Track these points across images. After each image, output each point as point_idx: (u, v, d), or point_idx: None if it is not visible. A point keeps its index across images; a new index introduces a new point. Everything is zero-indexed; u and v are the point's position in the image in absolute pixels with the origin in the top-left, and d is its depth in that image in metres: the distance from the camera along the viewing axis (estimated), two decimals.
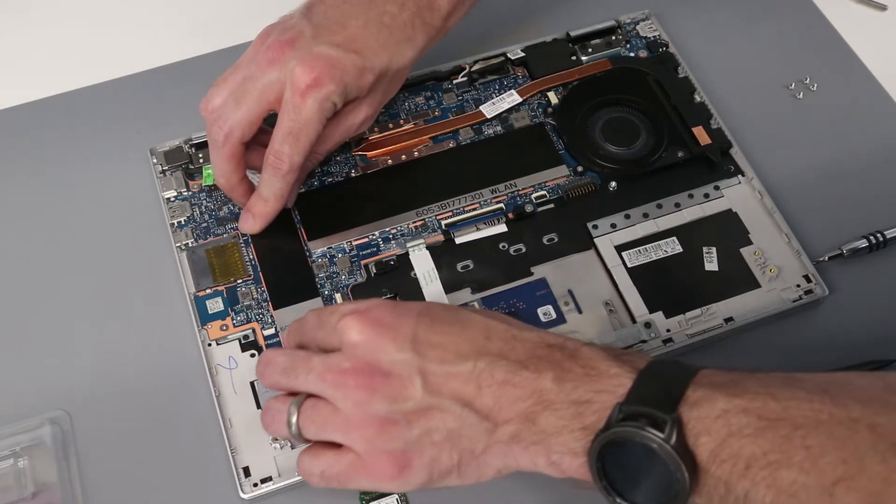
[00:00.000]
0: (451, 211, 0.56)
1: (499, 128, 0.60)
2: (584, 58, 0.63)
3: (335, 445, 0.42)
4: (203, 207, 0.56)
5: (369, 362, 0.41)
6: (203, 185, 0.57)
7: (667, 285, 0.53)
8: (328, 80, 0.49)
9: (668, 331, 0.52)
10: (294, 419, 0.42)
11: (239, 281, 0.54)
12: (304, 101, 0.49)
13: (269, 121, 0.52)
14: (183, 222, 0.56)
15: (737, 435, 0.36)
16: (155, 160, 0.58)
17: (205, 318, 0.52)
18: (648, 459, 0.37)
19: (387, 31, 0.51)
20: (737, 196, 0.56)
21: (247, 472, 0.48)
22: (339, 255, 0.54)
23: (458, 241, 0.55)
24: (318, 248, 0.55)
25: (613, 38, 0.64)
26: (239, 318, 0.52)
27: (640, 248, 0.54)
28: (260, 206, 0.53)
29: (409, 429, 0.40)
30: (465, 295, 0.53)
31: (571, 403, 0.39)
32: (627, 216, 0.56)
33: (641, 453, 0.37)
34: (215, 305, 0.53)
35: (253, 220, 0.54)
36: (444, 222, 0.55)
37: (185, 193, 0.57)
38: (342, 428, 0.41)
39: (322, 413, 0.42)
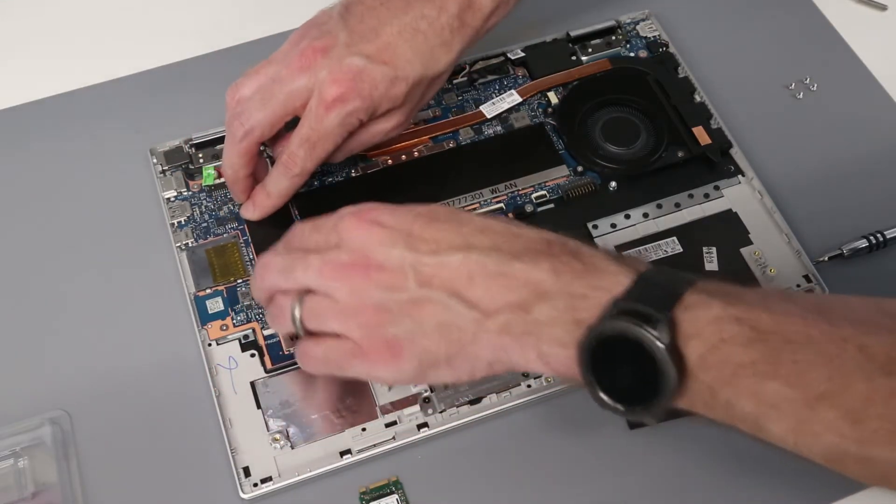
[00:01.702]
0: None
1: (499, 128, 0.60)
2: (584, 58, 0.63)
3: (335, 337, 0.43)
4: (203, 207, 0.56)
5: (366, 255, 0.42)
6: (203, 185, 0.57)
7: None
8: (354, 96, 0.49)
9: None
10: (297, 312, 0.43)
11: (239, 281, 0.54)
12: (327, 114, 0.49)
13: (290, 124, 0.52)
14: (183, 222, 0.56)
15: (728, 342, 0.36)
16: (155, 160, 0.58)
17: (205, 318, 0.52)
18: (638, 357, 0.37)
19: (422, 37, 0.50)
20: (737, 196, 0.56)
21: (247, 472, 0.48)
22: None
23: None
24: None
25: (613, 38, 0.64)
26: (239, 318, 0.52)
27: (640, 248, 0.54)
28: (262, 198, 0.54)
29: (401, 318, 0.41)
30: None
31: (567, 295, 0.39)
32: (627, 216, 0.56)
33: (631, 350, 0.37)
34: (215, 305, 0.53)
35: (253, 209, 0.54)
36: None
37: (185, 193, 0.57)
38: (340, 316, 0.42)
39: (322, 304, 0.43)
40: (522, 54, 0.62)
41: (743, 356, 0.36)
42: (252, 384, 0.50)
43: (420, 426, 0.49)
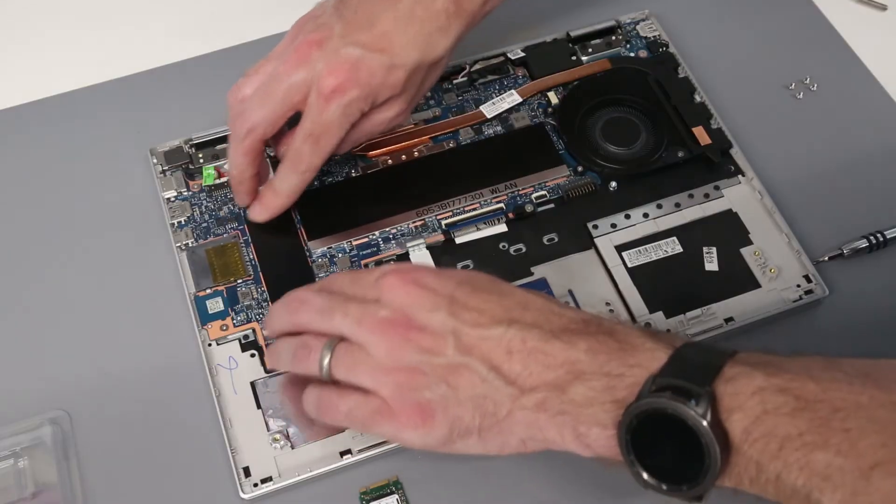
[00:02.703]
0: (452, 211, 0.56)
1: (499, 128, 0.60)
2: (584, 58, 0.63)
3: (361, 390, 0.42)
4: (203, 207, 0.56)
5: (407, 314, 0.41)
6: (203, 185, 0.57)
7: (667, 285, 0.53)
8: (353, 86, 0.49)
9: (669, 331, 0.52)
10: (327, 359, 0.42)
11: (239, 281, 0.54)
12: (327, 106, 0.49)
13: (292, 121, 0.52)
14: (183, 222, 0.56)
15: (772, 413, 0.35)
16: (155, 160, 0.58)
17: (205, 318, 0.52)
18: (679, 434, 0.36)
19: (418, 23, 0.50)
20: (737, 196, 0.56)
21: (247, 472, 0.48)
22: (340, 255, 0.54)
23: (458, 241, 0.55)
24: (318, 248, 0.55)
25: (613, 38, 0.64)
26: (239, 318, 0.52)
27: (640, 248, 0.54)
28: (271, 197, 0.53)
29: (436, 382, 0.40)
30: None
31: (604, 375, 0.38)
32: (627, 216, 0.56)
33: (672, 427, 0.36)
34: (215, 305, 0.53)
35: (262, 210, 0.54)
36: (444, 222, 0.55)
37: (185, 193, 0.57)
38: (373, 372, 0.41)
39: (355, 356, 0.42)
40: (522, 54, 0.62)
41: (789, 427, 0.35)
42: (252, 384, 0.50)
43: None
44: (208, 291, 0.53)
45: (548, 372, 0.39)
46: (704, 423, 0.35)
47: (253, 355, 0.51)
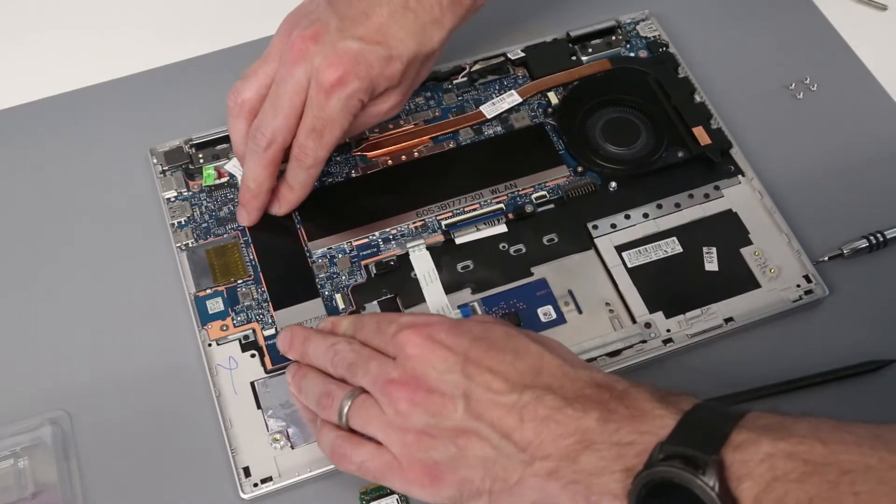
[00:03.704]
0: (452, 211, 0.56)
1: (499, 128, 0.60)
2: (584, 58, 0.63)
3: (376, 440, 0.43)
4: (203, 207, 0.56)
5: (417, 376, 0.41)
6: (203, 185, 0.57)
7: (667, 285, 0.53)
8: (353, 78, 0.49)
9: (669, 331, 0.52)
10: (346, 410, 0.43)
11: (239, 281, 0.54)
12: (328, 100, 0.49)
13: None
14: (183, 222, 0.56)
15: (781, 480, 0.35)
16: (155, 160, 0.58)
17: (205, 318, 0.52)
18: (689, 501, 0.35)
19: (412, 15, 0.50)
20: (737, 196, 0.56)
21: (247, 472, 0.48)
22: (340, 256, 0.54)
23: (458, 241, 0.55)
24: (318, 249, 0.55)
25: (613, 38, 0.64)
26: (239, 319, 0.52)
27: (640, 248, 0.54)
28: (286, 192, 0.54)
29: (444, 445, 0.40)
30: (465, 295, 0.53)
31: (614, 445, 0.38)
32: (627, 216, 0.56)
33: (682, 496, 0.36)
34: (215, 305, 0.53)
35: (279, 205, 0.54)
36: (444, 223, 0.55)
37: (186, 193, 0.57)
38: (384, 428, 0.42)
39: (370, 411, 0.42)
40: (522, 54, 0.62)
41: (799, 493, 0.34)
42: (252, 384, 0.50)
43: None
44: (208, 291, 0.53)
45: (559, 441, 0.39)
46: (714, 493, 0.35)
47: (253, 355, 0.51)
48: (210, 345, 0.51)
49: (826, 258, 0.54)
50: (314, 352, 0.47)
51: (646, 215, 0.56)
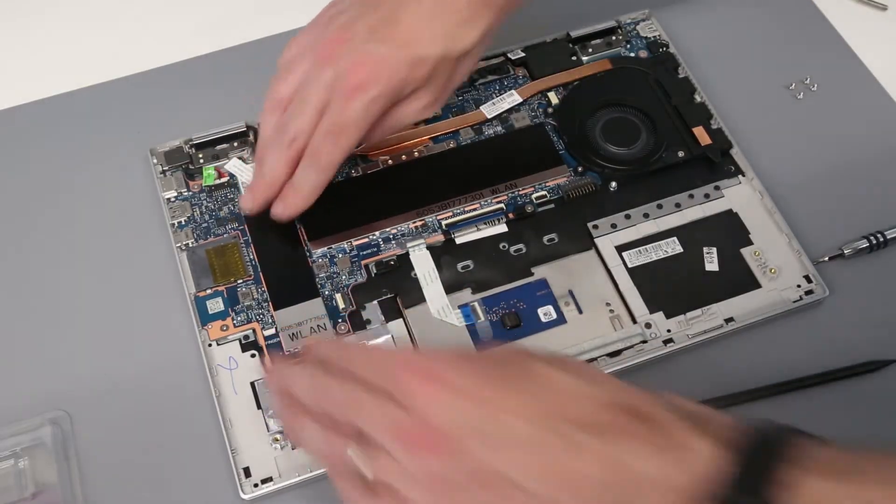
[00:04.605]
0: (452, 211, 0.56)
1: (499, 128, 0.60)
2: (584, 58, 0.63)
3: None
4: (203, 207, 0.56)
5: (429, 422, 0.37)
6: (203, 185, 0.57)
7: (667, 285, 0.53)
8: (374, 84, 0.49)
9: (669, 331, 0.52)
10: (361, 469, 0.39)
11: (239, 281, 0.54)
12: (349, 103, 0.49)
13: None
14: (183, 222, 0.56)
15: None
16: (155, 160, 0.58)
17: (205, 318, 0.52)
18: None
19: (441, 17, 0.50)
20: (737, 196, 0.56)
21: (247, 472, 0.48)
22: (340, 256, 0.54)
23: (458, 241, 0.55)
24: (318, 249, 0.55)
25: (614, 38, 0.64)
26: (239, 319, 0.52)
27: (640, 248, 0.54)
28: (292, 195, 0.53)
29: (470, 492, 0.37)
30: (465, 295, 0.53)
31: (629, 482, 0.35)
32: (628, 216, 0.56)
33: None
34: (215, 306, 0.53)
35: (284, 208, 0.53)
36: (444, 222, 0.55)
37: (186, 193, 0.57)
38: (403, 481, 0.38)
39: (385, 465, 0.38)
40: (522, 54, 0.62)
41: None
42: (252, 384, 0.50)
43: None
44: (208, 292, 0.53)
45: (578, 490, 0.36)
46: None
47: (253, 356, 0.51)
48: (210, 345, 0.51)
49: (826, 258, 0.54)
50: (301, 392, 0.42)
51: (646, 215, 0.56)
